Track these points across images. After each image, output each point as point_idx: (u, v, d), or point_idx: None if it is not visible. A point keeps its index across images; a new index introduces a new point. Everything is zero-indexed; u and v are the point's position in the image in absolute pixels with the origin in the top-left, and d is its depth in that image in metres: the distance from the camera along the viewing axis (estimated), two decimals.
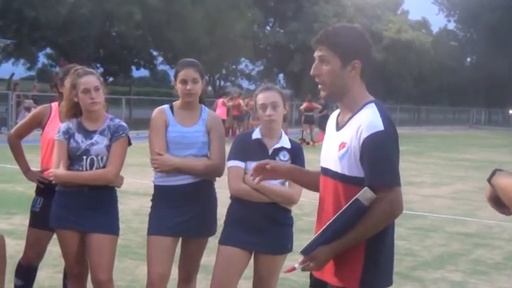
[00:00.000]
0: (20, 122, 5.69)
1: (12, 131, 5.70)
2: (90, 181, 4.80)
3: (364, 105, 3.23)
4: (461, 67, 73.49)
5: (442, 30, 75.83)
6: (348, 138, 3.20)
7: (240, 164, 4.63)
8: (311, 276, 3.52)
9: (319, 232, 3.20)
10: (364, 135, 3.12)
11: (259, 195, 4.54)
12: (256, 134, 4.70)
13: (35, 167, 5.67)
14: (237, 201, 4.69)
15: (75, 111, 4.92)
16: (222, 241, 4.72)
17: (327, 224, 3.18)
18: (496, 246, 9.25)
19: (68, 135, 4.85)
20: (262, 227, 4.61)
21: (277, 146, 4.64)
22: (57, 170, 4.78)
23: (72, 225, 4.84)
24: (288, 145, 4.69)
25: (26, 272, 5.67)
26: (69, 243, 4.89)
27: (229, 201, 4.77)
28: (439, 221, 11.03)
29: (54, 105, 5.57)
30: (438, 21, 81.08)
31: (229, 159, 4.70)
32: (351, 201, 3.11)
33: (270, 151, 4.64)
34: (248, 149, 4.63)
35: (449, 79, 67.99)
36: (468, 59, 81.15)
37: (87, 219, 4.81)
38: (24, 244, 7.61)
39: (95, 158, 4.82)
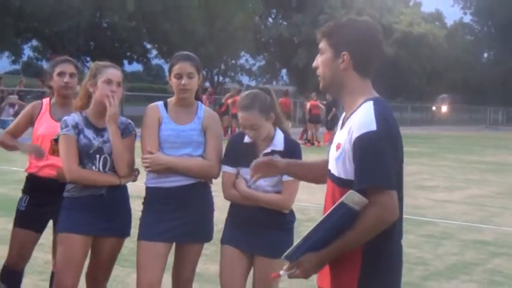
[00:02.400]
0: (12, 123, 5.68)
1: (4, 132, 5.67)
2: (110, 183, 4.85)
3: (363, 103, 3.22)
4: (478, 63, 73.53)
5: (457, 23, 75.87)
6: (343, 139, 3.21)
7: (231, 169, 4.78)
8: None
9: (303, 237, 3.18)
10: (355, 135, 3.10)
11: (251, 201, 4.69)
12: (248, 138, 4.76)
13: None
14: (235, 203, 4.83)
15: (87, 101, 4.91)
16: (224, 240, 4.89)
17: (312, 228, 3.16)
18: None
19: (77, 130, 4.81)
20: (259, 229, 4.71)
21: (267, 150, 4.69)
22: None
23: (87, 229, 4.82)
24: (280, 147, 4.72)
25: (11, 275, 5.69)
26: (77, 249, 4.82)
27: (225, 205, 4.81)
28: (452, 228, 11.02)
29: (45, 100, 5.63)
30: (453, 13, 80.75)
31: (222, 163, 4.85)
32: (335, 205, 3.08)
33: (260, 156, 4.56)
34: (239, 154, 4.69)
35: (464, 76, 68.02)
36: (485, 55, 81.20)
37: (103, 222, 4.83)
38: (7, 249, 7.60)
39: (108, 157, 4.83)
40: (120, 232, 4.97)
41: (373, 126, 3.07)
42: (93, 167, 4.81)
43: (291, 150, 4.70)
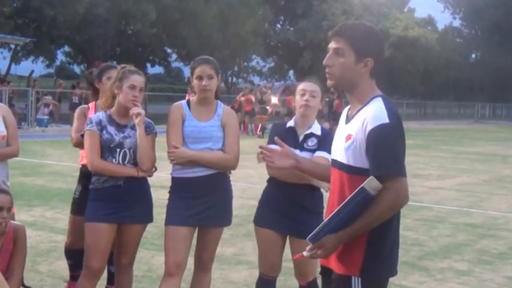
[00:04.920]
0: (74, 125, 5.66)
1: (73, 134, 5.59)
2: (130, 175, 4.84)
3: (372, 99, 3.23)
4: (466, 63, 73.17)
5: (448, 27, 75.42)
6: (354, 130, 3.21)
7: (274, 147, 4.73)
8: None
9: (325, 220, 3.21)
10: (369, 127, 3.12)
11: (294, 176, 4.61)
12: (290, 123, 4.91)
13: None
14: (270, 185, 4.90)
15: (111, 101, 4.93)
16: (256, 222, 4.95)
17: (333, 212, 3.18)
18: (501, 237, 9.23)
19: (100, 126, 4.84)
20: (291, 211, 4.76)
21: (307, 132, 4.81)
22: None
23: (111, 218, 4.82)
24: (318, 132, 4.84)
25: (73, 254, 5.83)
26: (103, 237, 4.83)
27: (241, 193, 4.81)
28: (445, 212, 11.01)
29: (91, 104, 5.74)
30: (444, 18, 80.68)
31: (267, 144, 4.78)
32: (356, 190, 3.10)
33: (301, 138, 4.80)
34: (281, 136, 4.58)
35: (454, 75, 67.76)
36: (473, 55, 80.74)
37: (125, 211, 4.83)
38: (44, 235, 7.66)
39: (128, 151, 4.83)
40: (141, 219, 4.95)
41: (385, 119, 3.10)
42: (113, 160, 4.81)
43: (325, 135, 4.80)
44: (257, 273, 5.16)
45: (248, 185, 12.65)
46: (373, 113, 3.14)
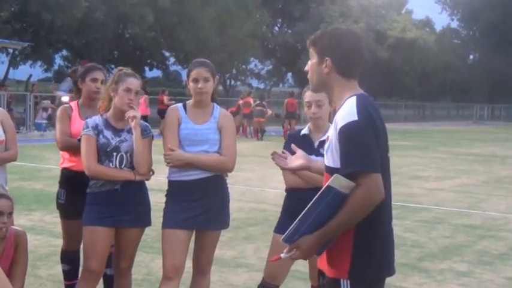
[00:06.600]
0: (58, 128, 5.49)
1: (59, 136, 5.44)
2: (125, 178, 4.82)
3: (347, 98, 3.22)
4: (464, 64, 73.25)
5: (445, 28, 75.55)
6: (330, 132, 3.24)
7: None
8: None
9: (296, 220, 3.15)
10: (339, 126, 3.11)
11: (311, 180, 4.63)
12: (304, 130, 5.00)
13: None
14: (288, 193, 4.99)
15: (108, 104, 4.91)
16: (275, 229, 4.98)
17: (304, 212, 3.13)
18: (501, 238, 9.23)
19: (97, 131, 4.83)
20: None
21: (323, 138, 4.85)
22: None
23: (108, 221, 4.81)
24: None
25: (70, 256, 5.71)
26: (100, 240, 4.82)
27: (239, 196, 4.81)
28: (444, 213, 10.99)
29: (73, 103, 5.59)
30: (441, 20, 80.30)
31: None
32: (323, 189, 3.07)
33: (316, 144, 4.89)
34: (296, 144, 4.59)
35: (452, 76, 67.83)
36: (471, 57, 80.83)
37: (123, 214, 4.82)
38: (43, 239, 7.66)
39: (125, 155, 4.82)
40: (139, 223, 4.94)
41: (354, 117, 3.08)
42: (110, 164, 4.80)
43: None
44: (257, 276, 5.17)
45: (247, 187, 12.64)
46: (344, 112, 3.13)
